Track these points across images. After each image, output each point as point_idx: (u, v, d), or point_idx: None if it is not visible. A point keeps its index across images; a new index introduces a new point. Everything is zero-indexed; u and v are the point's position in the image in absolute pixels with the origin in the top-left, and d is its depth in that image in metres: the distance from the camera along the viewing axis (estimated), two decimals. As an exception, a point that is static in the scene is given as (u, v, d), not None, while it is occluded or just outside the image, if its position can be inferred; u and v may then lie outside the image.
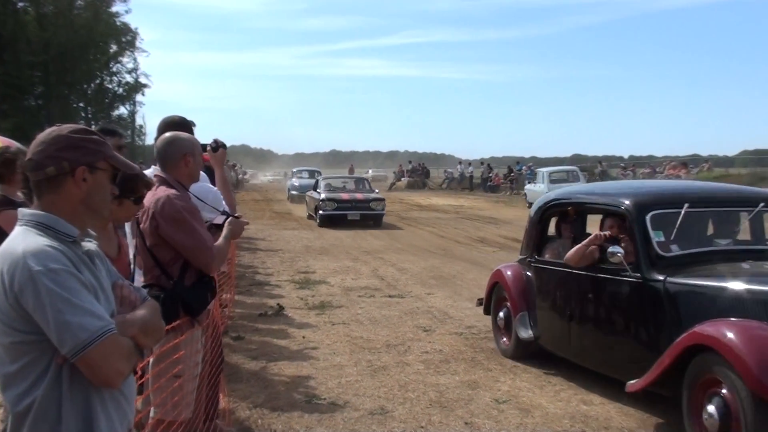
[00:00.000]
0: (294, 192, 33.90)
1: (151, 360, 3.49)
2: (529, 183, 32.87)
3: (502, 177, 45.67)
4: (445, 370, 6.48)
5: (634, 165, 49.51)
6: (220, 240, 3.91)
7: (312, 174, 36.12)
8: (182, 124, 4.39)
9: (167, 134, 3.95)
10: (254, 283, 11.18)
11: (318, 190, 22.22)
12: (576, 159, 79.38)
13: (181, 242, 3.63)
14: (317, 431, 4.95)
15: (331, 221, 20.73)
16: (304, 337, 7.67)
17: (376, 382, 6.10)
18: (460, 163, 54.56)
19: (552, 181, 27.14)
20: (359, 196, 21.46)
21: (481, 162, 53.13)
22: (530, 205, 35.02)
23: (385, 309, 9.21)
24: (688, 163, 34.06)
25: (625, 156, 77.53)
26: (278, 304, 9.31)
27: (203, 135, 4.26)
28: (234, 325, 8.15)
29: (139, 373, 2.91)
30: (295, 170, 39.86)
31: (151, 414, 3.63)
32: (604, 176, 43.33)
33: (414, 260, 13.90)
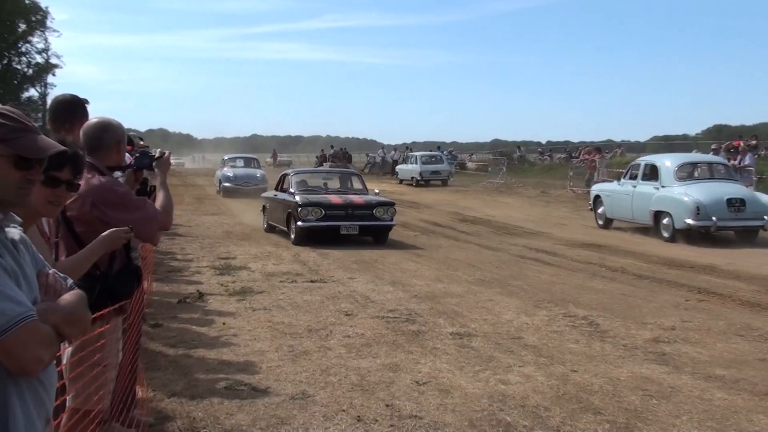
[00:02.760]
0: (228, 185, 27.78)
1: (69, 348, 3.41)
2: (404, 163, 39.18)
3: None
4: (366, 354, 6.52)
5: (551, 150, 50.69)
6: (160, 192, 3.98)
7: (249, 162, 30.67)
8: (76, 104, 4.23)
9: (98, 120, 3.85)
10: (173, 270, 10.97)
11: (288, 190, 14.94)
12: (496, 144, 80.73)
13: (128, 221, 3.62)
14: (238, 417, 4.91)
15: (314, 237, 13.84)
16: (224, 324, 7.58)
17: (297, 367, 6.09)
18: (382, 148, 54.78)
19: (423, 163, 35.98)
20: (357, 199, 14.46)
21: (406, 147, 53.41)
22: (401, 181, 37.19)
23: (306, 294, 9.19)
24: (602, 148, 34.99)
25: (543, 141, 79.18)
26: (198, 291, 9.17)
27: (124, 119, 4.13)
28: (152, 312, 7.98)
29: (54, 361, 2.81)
30: (227, 157, 31.48)
31: (68, 403, 3.53)
32: (522, 161, 44.25)
33: (336, 245, 13.89)
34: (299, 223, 13.76)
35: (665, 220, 15.14)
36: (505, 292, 9.33)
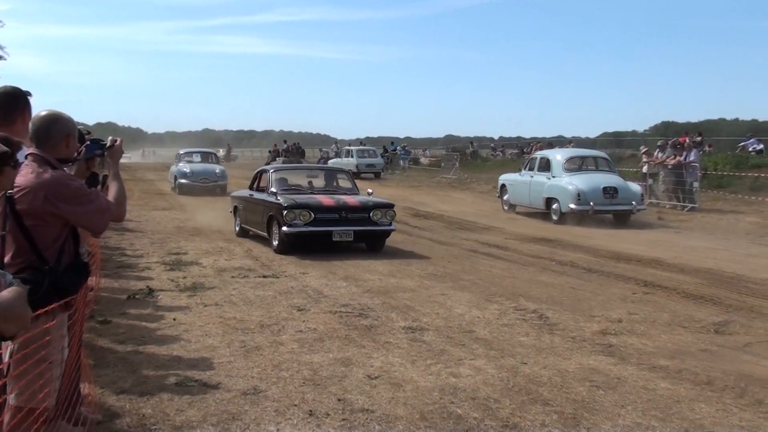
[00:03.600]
0: (184, 181, 25.94)
1: (11, 346, 3.34)
2: (337, 157, 41.21)
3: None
4: (319, 349, 6.52)
5: (504, 145, 51.18)
6: (112, 183, 3.96)
7: (207, 156, 28.81)
8: (18, 96, 4.15)
9: (48, 112, 3.80)
10: (122, 266, 10.81)
11: (269, 189, 13.02)
12: (449, 140, 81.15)
13: (82, 214, 3.66)
14: (188, 414, 4.87)
15: (301, 244, 11.97)
16: (174, 320, 7.50)
17: (249, 363, 6.06)
18: (336, 143, 54.64)
19: (360, 157, 38.57)
20: (351, 200, 12.57)
21: (360, 142, 53.39)
22: None
23: (259, 289, 9.14)
24: (553, 144, 35.45)
25: (496, 137, 79.87)
26: (147, 287, 9.06)
27: (71, 112, 4.07)
28: (100, 309, 7.86)
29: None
30: (182, 152, 29.41)
31: (11, 401, 3.47)
32: (475, 156, 44.58)
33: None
34: (284, 228, 11.76)
35: (554, 206, 17.85)
36: (457, 287, 9.42)
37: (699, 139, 27.51)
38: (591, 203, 17.09)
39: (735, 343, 6.86)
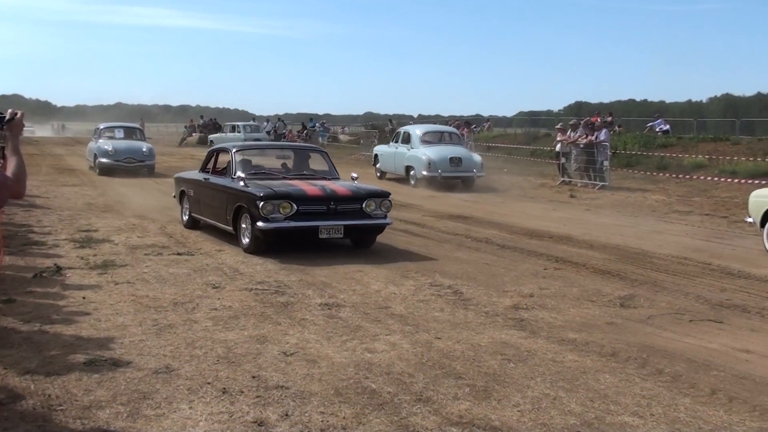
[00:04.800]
0: (105, 160, 23.12)
1: None
2: (221, 132, 43.10)
3: (296, 133, 45.71)
4: (233, 326, 6.46)
5: (423, 123, 51.41)
6: (12, 158, 3.81)
7: (131, 132, 25.61)
8: None
9: None
10: (28, 243, 10.42)
11: (234, 173, 10.79)
12: (368, 117, 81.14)
13: None
14: (97, 394, 4.75)
15: (279, 242, 9.98)
16: (84, 298, 7.30)
17: (161, 341, 5.96)
18: (253, 119, 53.91)
19: (246, 132, 40.39)
20: (340, 188, 10.43)
21: (279, 118, 52.79)
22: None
23: (173, 267, 8.97)
24: (471, 123, 35.89)
25: (415, 115, 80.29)
26: (55, 264, 8.76)
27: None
28: (4, 287, 7.57)
29: None
30: (102, 127, 25.90)
31: None
32: (392, 134, 44.64)
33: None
34: (260, 224, 9.55)
35: (412, 172, 21.35)
36: (373, 263, 9.46)
37: (610, 119, 28.33)
38: (439, 171, 20.40)
39: (639, 316, 7.14)
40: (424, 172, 20.61)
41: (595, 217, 15.31)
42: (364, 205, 10.20)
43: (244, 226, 10.10)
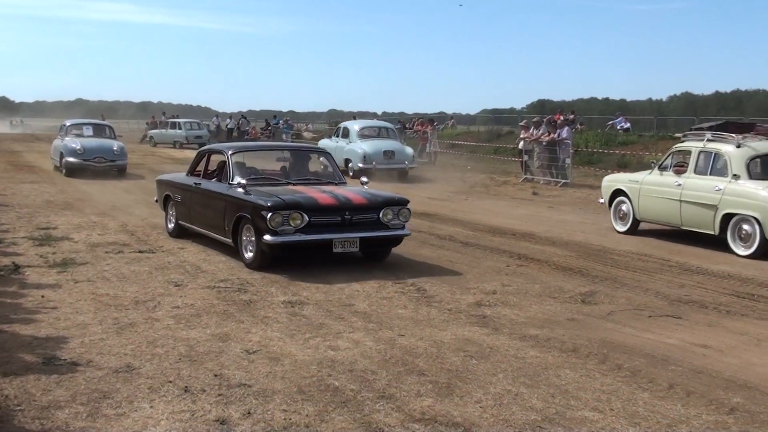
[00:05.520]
0: (73, 160, 21.18)
1: None
2: (161, 129, 44.24)
3: (260, 130, 45.45)
4: (196, 324, 6.41)
5: (386, 121, 51.46)
6: None
7: (101, 130, 23.65)
8: None
9: None
10: (-15, 241, 10.23)
11: (231, 178, 9.63)
12: (333, 114, 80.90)
13: None
14: (56, 393, 4.69)
15: (288, 257, 8.95)
16: (43, 297, 7.19)
17: (122, 340, 5.90)
18: (216, 116, 53.48)
19: (188, 129, 41.63)
20: (355, 196, 9.29)
21: (242, 115, 52.42)
22: (156, 144, 42.65)
23: (134, 265, 8.88)
24: (434, 120, 35.98)
25: (379, 112, 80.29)
26: (13, 263, 8.62)
27: None
28: (-40, 286, 7.43)
29: None
30: (69, 123, 24.00)
31: None
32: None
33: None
34: (268, 237, 8.45)
35: (350, 164, 22.60)
36: (337, 260, 9.45)
37: (572, 117, 28.60)
38: (374, 162, 22.12)
39: (599, 312, 7.24)
40: (360, 164, 22.11)
41: (557, 215, 15.47)
42: (381, 215, 9.09)
43: (245, 238, 8.98)
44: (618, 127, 29.26)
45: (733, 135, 11.16)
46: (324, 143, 25.51)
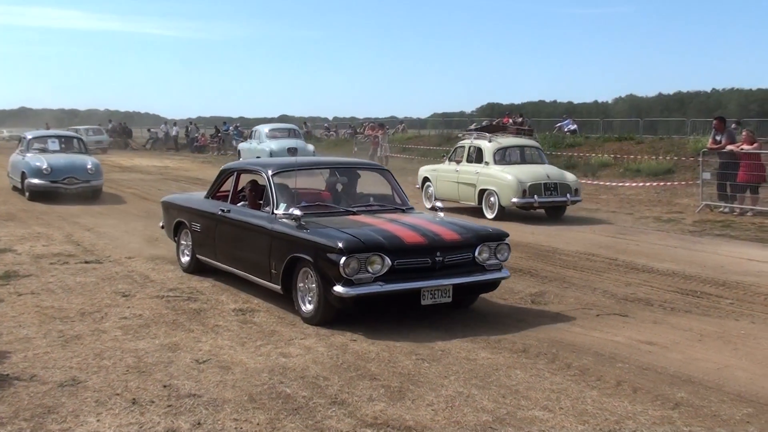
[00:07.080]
0: (38, 181, 17.19)
1: None
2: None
3: (209, 137, 45.00)
4: (144, 335, 6.31)
5: (337, 125, 51.53)
6: None
7: (69, 143, 19.27)
8: None
9: None
10: (-77, 255, 9.91)
11: (273, 205, 7.52)
12: (283, 119, 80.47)
13: None
14: (-2, 410, 4.57)
15: (364, 311, 6.88)
16: (-16, 311, 6.99)
17: (68, 353, 5.77)
18: (165, 123, 52.83)
19: (87, 135, 39.54)
20: (445, 231, 7.09)
21: (191, 122, 51.85)
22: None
23: (80, 276, 8.70)
24: (385, 125, 36.08)
25: (330, 117, 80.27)
26: (-47, 277, 8.37)
27: None
28: None
29: None
30: (31, 136, 19.57)
31: None
32: (308, 136, 44.54)
33: (114, 224, 13.25)
34: (341, 288, 6.38)
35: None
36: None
37: (520, 119, 28.97)
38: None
39: (549, 313, 7.33)
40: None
41: (507, 216, 15.60)
42: (476, 254, 7.05)
43: (307, 287, 6.89)
44: (565, 129, 29.73)
45: (488, 134, 15.73)
46: (242, 146, 30.07)
